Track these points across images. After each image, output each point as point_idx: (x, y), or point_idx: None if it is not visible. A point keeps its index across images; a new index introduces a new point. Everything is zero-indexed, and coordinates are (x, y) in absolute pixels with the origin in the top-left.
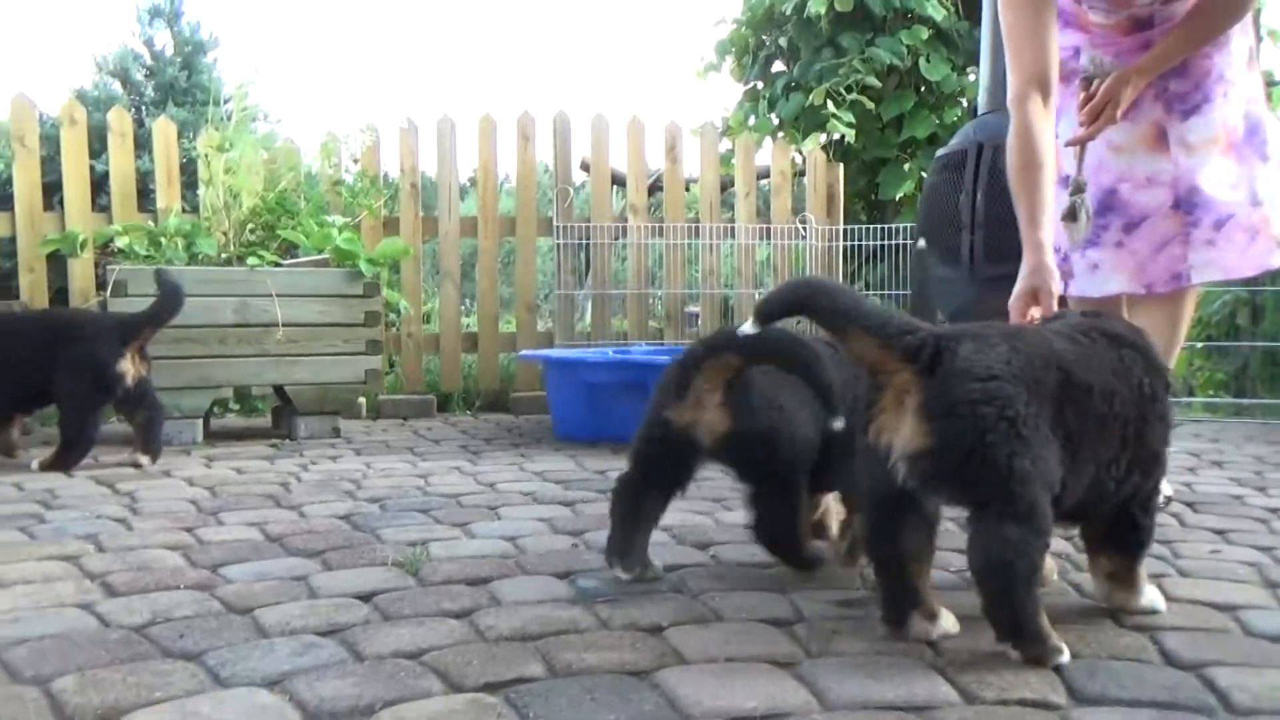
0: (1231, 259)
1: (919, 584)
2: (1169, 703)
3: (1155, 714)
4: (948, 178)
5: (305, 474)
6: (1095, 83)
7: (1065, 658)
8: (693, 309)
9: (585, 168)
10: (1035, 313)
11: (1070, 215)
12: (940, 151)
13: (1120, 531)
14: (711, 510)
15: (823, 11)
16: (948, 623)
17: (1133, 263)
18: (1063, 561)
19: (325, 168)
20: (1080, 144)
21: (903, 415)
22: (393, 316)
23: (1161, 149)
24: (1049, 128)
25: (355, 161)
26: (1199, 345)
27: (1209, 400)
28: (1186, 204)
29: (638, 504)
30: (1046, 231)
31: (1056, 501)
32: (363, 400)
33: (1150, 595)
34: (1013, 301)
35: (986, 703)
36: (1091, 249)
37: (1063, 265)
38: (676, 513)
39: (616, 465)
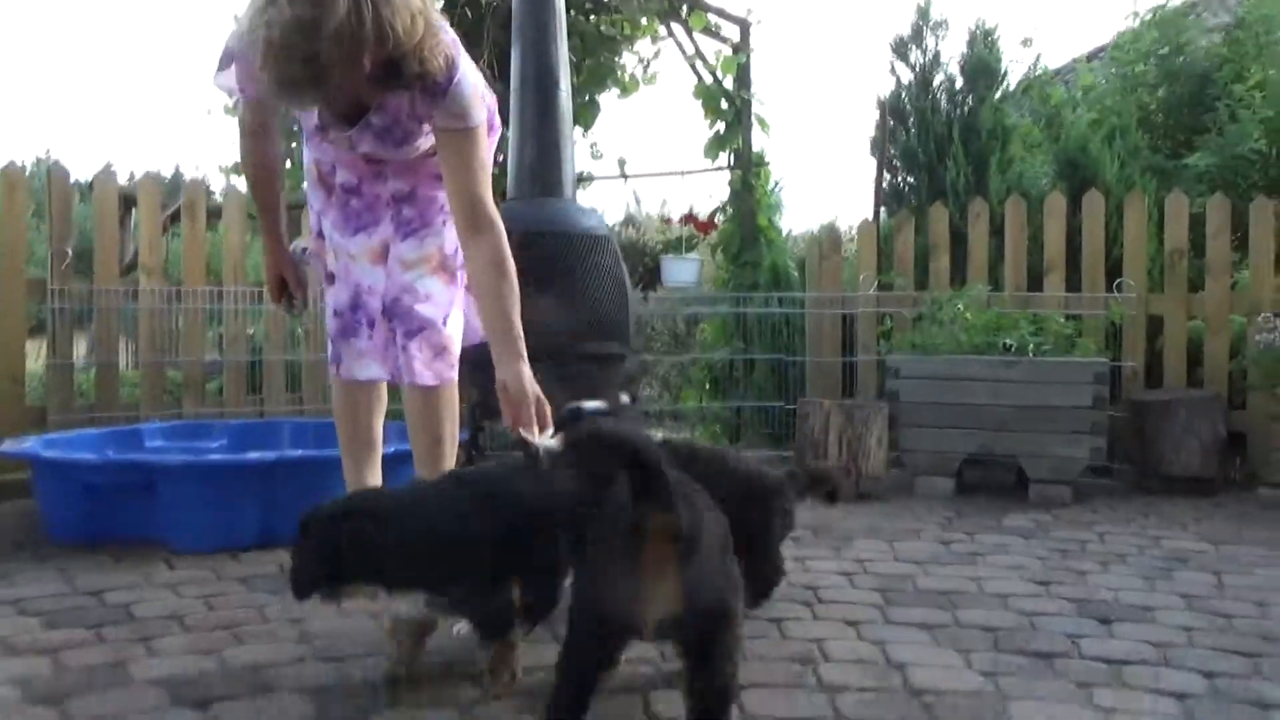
0: (418, 367)
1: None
2: None
3: None
4: None
5: None
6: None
7: None
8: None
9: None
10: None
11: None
12: None
13: None
14: (215, 648)
15: None
16: None
17: (380, 354)
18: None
19: None
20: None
21: (664, 580)
22: None
23: (382, 263)
24: (266, 153)
25: None
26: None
27: None
28: (390, 312)
29: None
30: (281, 228)
31: None
32: None
33: None
34: (267, 283)
35: None
36: (355, 339)
37: (335, 354)
38: (172, 657)
39: (117, 583)
